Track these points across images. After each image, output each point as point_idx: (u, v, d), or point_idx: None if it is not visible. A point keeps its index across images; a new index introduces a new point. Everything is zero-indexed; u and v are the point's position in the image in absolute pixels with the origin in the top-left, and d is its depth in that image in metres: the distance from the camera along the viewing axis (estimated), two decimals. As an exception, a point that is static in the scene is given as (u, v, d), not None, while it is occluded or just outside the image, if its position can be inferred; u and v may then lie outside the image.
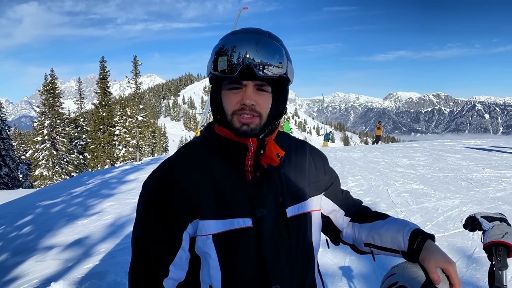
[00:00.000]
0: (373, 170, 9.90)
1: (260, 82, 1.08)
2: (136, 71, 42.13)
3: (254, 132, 1.10)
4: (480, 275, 3.56)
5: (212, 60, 1.09)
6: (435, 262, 1.02)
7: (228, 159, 1.14)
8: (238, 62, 1.04)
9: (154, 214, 1.10)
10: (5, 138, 36.56)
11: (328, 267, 3.98)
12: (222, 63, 1.06)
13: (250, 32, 1.10)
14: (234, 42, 1.06)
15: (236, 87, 1.09)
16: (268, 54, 1.06)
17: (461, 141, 17.37)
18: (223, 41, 1.10)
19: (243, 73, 1.04)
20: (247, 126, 1.09)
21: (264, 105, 1.10)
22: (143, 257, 1.10)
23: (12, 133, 49.77)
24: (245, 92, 1.08)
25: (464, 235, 4.46)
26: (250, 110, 1.08)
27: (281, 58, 1.08)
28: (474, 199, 6.12)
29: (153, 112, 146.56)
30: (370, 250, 1.27)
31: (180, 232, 1.09)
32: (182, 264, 1.11)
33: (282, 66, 1.08)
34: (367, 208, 1.39)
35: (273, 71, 1.07)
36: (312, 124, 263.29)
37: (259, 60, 1.04)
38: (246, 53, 1.04)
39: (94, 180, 12.46)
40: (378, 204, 6.27)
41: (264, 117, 1.11)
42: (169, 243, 1.08)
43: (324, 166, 1.34)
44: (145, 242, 1.10)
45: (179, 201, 1.08)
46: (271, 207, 1.13)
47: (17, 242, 6.10)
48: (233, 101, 1.09)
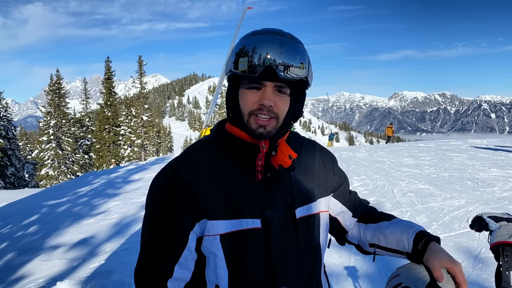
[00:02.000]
0: (378, 170, 9.87)
1: (280, 84, 1.06)
2: (141, 71, 42.23)
3: (270, 134, 1.08)
4: (487, 275, 3.54)
5: (233, 59, 1.07)
6: (439, 262, 1.02)
7: (238, 159, 1.13)
8: (260, 63, 1.02)
9: (160, 213, 1.09)
10: (11, 138, 36.78)
11: (333, 267, 3.97)
12: (243, 63, 1.04)
13: (274, 33, 1.08)
14: (256, 43, 1.05)
15: (256, 87, 1.07)
16: (290, 56, 1.04)
17: (467, 141, 17.28)
18: (245, 40, 1.08)
19: (264, 74, 1.03)
20: (263, 128, 1.07)
21: (282, 107, 1.09)
22: (149, 256, 1.10)
23: (18, 133, 50.06)
24: (264, 92, 1.06)
25: (470, 235, 4.43)
26: (268, 111, 1.06)
27: (303, 60, 1.07)
28: (480, 199, 6.08)
29: (158, 112, 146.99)
30: (374, 250, 1.26)
31: (187, 232, 1.08)
32: (187, 265, 1.10)
33: (304, 68, 1.07)
34: (374, 208, 1.38)
35: (295, 73, 1.05)
36: (317, 124, 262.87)
37: (281, 61, 1.02)
38: (269, 54, 1.02)
39: (100, 179, 12.50)
40: (383, 204, 6.25)
41: (281, 120, 1.10)
42: (174, 243, 1.08)
43: (333, 167, 1.33)
44: (151, 242, 1.10)
45: (186, 201, 1.08)
46: (280, 208, 1.12)
47: (23, 242, 6.13)
48: (251, 101, 1.07)
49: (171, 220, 1.08)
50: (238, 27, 17.02)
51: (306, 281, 1.19)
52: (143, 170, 13.39)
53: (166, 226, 1.08)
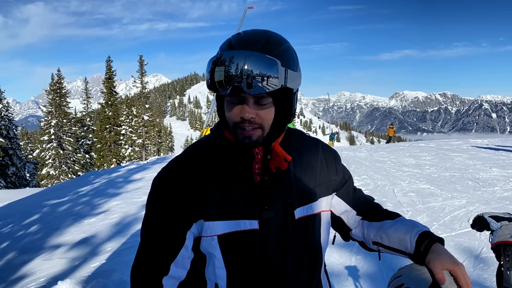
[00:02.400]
0: (379, 170, 9.87)
1: (258, 95, 1.02)
2: (142, 71, 42.26)
3: (257, 143, 1.07)
4: (488, 275, 3.54)
5: (208, 75, 1.03)
6: (441, 264, 1.01)
7: (235, 161, 1.13)
8: (228, 80, 0.98)
9: (159, 211, 1.10)
10: (12, 138, 36.82)
11: (334, 267, 3.97)
12: (213, 81, 1.01)
13: (241, 48, 1.01)
14: (225, 59, 0.99)
15: (235, 100, 1.04)
16: (259, 71, 0.97)
17: (468, 141, 17.26)
18: (216, 55, 1.03)
19: (233, 91, 1.00)
20: (248, 139, 1.05)
21: (265, 117, 1.05)
22: (146, 253, 1.11)
23: (19, 132, 50.13)
24: (243, 106, 1.03)
25: (471, 235, 4.43)
26: (250, 123, 1.04)
27: (275, 72, 0.99)
28: (481, 199, 6.08)
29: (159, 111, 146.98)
30: (377, 248, 1.26)
31: (184, 231, 1.09)
32: (183, 263, 1.11)
33: (278, 79, 1.00)
34: (379, 206, 1.37)
35: (269, 86, 0.99)
36: (318, 124, 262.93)
37: (249, 80, 0.97)
38: (236, 71, 0.97)
39: (101, 179, 12.51)
40: (384, 203, 6.24)
41: (266, 128, 1.07)
42: (172, 241, 1.09)
43: (336, 165, 1.31)
44: (149, 239, 1.11)
45: (184, 201, 1.08)
46: (278, 209, 1.12)
47: (24, 241, 6.14)
48: (233, 114, 1.05)
49: (169, 219, 1.09)
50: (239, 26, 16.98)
51: (306, 281, 1.19)
52: (144, 170, 13.40)
53: (164, 225, 1.09)
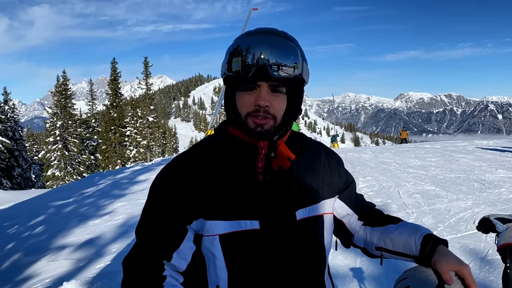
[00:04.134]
0: (384, 171, 9.84)
1: (274, 83, 1.06)
2: (147, 72, 42.37)
3: (269, 133, 1.08)
4: (494, 277, 3.51)
5: (226, 60, 1.08)
6: (447, 265, 1.00)
7: (239, 160, 1.13)
8: (252, 63, 1.02)
9: (161, 205, 1.11)
10: (18, 139, 37.05)
11: (339, 269, 3.96)
12: (236, 64, 1.04)
13: (265, 33, 1.08)
14: (248, 43, 1.04)
15: (250, 87, 1.06)
16: (283, 55, 1.03)
17: (473, 142, 17.16)
18: (237, 41, 1.08)
19: (257, 74, 1.03)
20: (261, 127, 1.06)
21: (278, 107, 1.08)
22: (147, 241, 1.10)
23: (25, 134, 50.47)
24: (259, 93, 1.06)
25: (477, 237, 4.40)
26: (264, 112, 1.06)
27: (296, 59, 1.06)
28: (487, 201, 6.04)
29: (163, 113, 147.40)
30: (380, 253, 1.24)
31: (185, 224, 1.10)
32: (185, 254, 1.12)
33: (297, 66, 1.06)
34: (380, 211, 1.36)
35: (288, 72, 1.04)
36: (322, 125, 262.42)
37: (273, 61, 1.02)
38: (260, 54, 1.01)
39: (106, 180, 12.56)
40: (389, 205, 6.22)
41: (278, 119, 1.10)
42: (174, 231, 1.10)
43: (339, 168, 1.31)
44: (151, 226, 1.11)
45: (185, 197, 1.09)
46: (280, 210, 1.12)
47: (30, 242, 6.17)
48: (247, 103, 1.07)
49: (171, 211, 1.10)
50: (244, 28, 17.03)
51: (308, 283, 1.18)
52: (149, 171, 13.43)
53: (167, 214, 1.10)
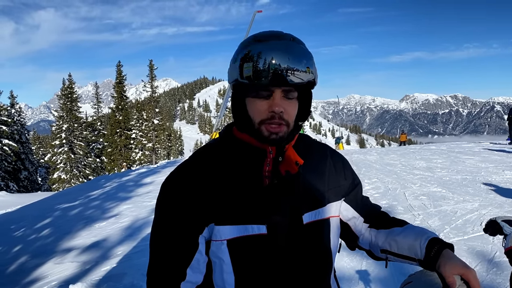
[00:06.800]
0: (389, 173, 9.80)
1: (288, 88, 1.05)
2: (152, 75, 42.57)
3: (282, 140, 1.07)
4: (501, 280, 3.49)
5: (238, 66, 1.05)
6: (452, 269, 0.99)
7: (245, 164, 1.12)
8: (269, 69, 1.00)
9: (170, 217, 1.09)
10: (24, 142, 37.28)
11: (345, 271, 3.94)
12: (250, 69, 1.02)
13: (278, 37, 1.06)
14: (263, 49, 1.02)
15: (264, 94, 1.05)
16: (297, 60, 1.02)
17: (479, 143, 17.07)
18: (248, 47, 1.06)
19: (273, 80, 1.01)
20: (275, 135, 1.06)
21: (292, 112, 1.08)
22: (160, 260, 1.10)
23: (31, 137, 50.77)
24: (274, 99, 1.04)
25: (484, 239, 4.37)
26: (279, 118, 1.04)
27: (309, 63, 1.05)
28: (494, 202, 6.00)
29: (168, 115, 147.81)
30: (385, 256, 1.24)
31: (197, 236, 1.08)
32: (199, 267, 1.11)
33: (312, 71, 1.05)
34: (385, 214, 1.35)
35: (303, 77, 1.03)
36: (327, 127, 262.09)
37: (291, 67, 1.01)
38: (277, 60, 1.00)
39: (111, 183, 12.61)
40: (395, 207, 6.19)
41: (291, 125, 1.09)
42: (185, 246, 1.08)
43: (345, 171, 1.30)
44: (162, 245, 1.10)
45: (195, 205, 1.08)
46: (287, 214, 1.11)
47: (36, 245, 6.20)
48: (261, 109, 1.05)
49: (181, 224, 1.08)
50: (248, 30, 17.07)
51: (315, 286, 1.17)
52: (154, 174, 13.46)
53: (177, 229, 1.08)
